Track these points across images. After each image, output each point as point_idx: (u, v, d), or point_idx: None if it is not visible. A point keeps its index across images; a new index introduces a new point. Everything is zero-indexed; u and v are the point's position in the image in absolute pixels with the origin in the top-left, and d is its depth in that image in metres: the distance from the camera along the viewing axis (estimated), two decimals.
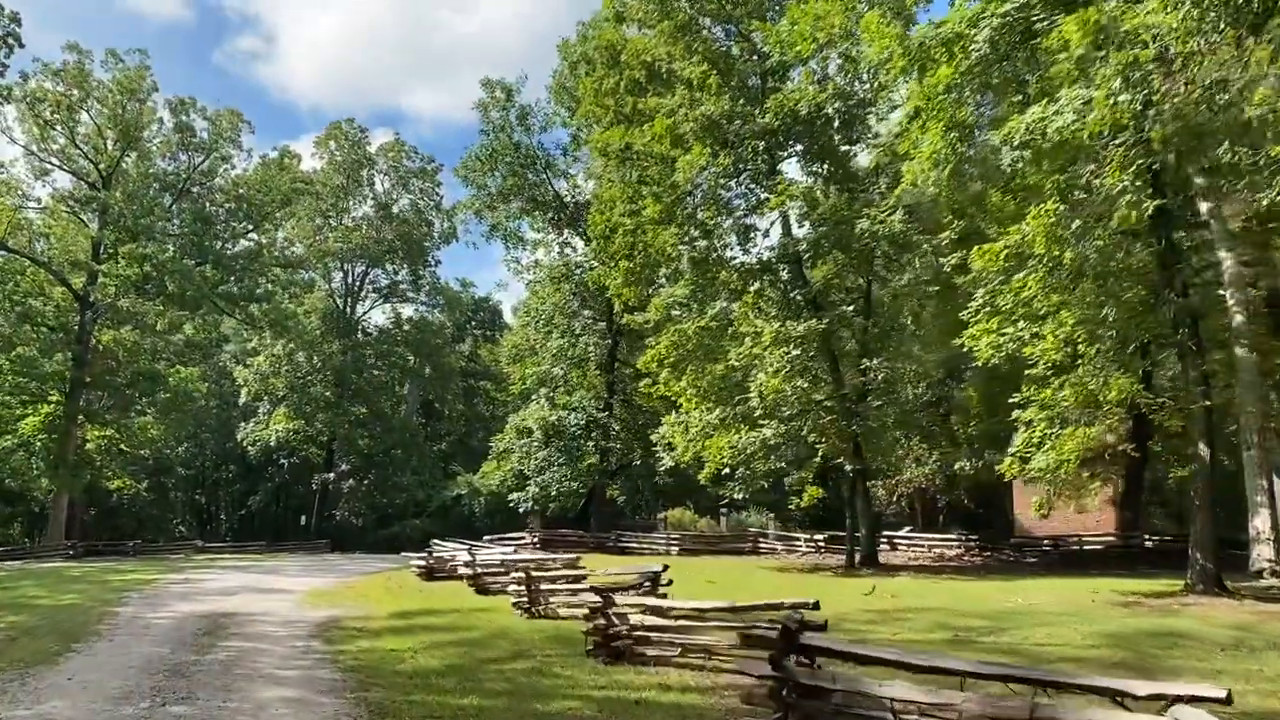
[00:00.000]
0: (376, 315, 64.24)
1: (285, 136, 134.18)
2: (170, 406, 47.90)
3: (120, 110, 43.95)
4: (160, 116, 46.72)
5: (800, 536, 33.12)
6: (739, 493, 27.50)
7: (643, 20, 29.18)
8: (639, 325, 35.67)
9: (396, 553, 39.53)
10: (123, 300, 44.22)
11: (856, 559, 26.02)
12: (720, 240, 27.13)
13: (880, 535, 29.14)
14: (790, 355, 23.46)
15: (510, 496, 43.30)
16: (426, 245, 60.59)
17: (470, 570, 19.57)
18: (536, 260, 45.86)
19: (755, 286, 26.44)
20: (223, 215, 49.23)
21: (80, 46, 43.36)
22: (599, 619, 11.06)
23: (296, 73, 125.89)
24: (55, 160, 44.96)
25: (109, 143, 44.74)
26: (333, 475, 57.20)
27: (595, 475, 41.37)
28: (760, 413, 24.13)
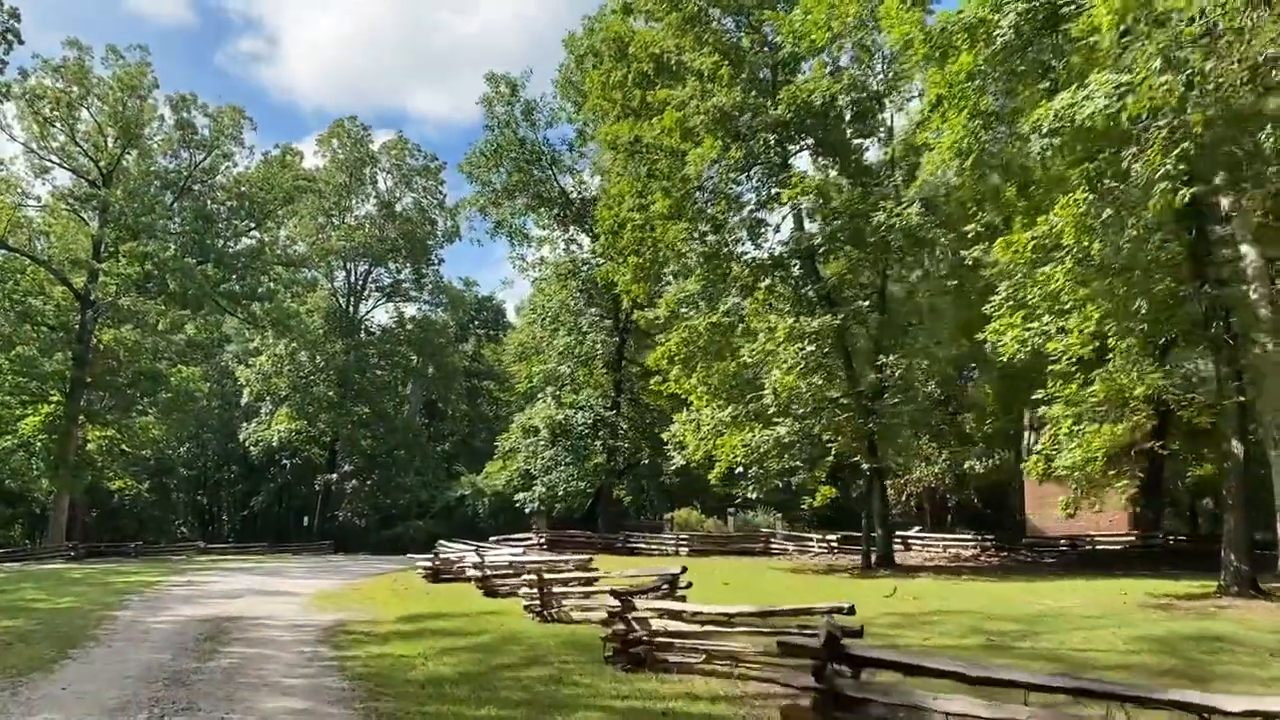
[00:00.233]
0: (379, 314, 63.88)
1: (287, 138, 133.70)
2: (172, 406, 47.45)
3: (121, 107, 43.47)
4: (161, 114, 46.30)
5: (812, 537, 32.59)
6: (753, 492, 26.95)
7: (650, 12, 28.72)
8: (648, 322, 35.18)
9: (400, 554, 39.18)
10: (124, 299, 43.71)
11: (873, 559, 25.51)
12: (731, 235, 26.64)
13: (893, 535, 28.58)
14: (805, 351, 22.96)
15: (516, 497, 42.82)
16: (430, 244, 60.12)
17: (478, 572, 19.10)
18: (542, 257, 45.43)
19: (766, 282, 25.97)
20: (224, 213, 48.71)
21: (80, 42, 42.97)
22: (618, 624, 10.58)
23: (298, 74, 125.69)
24: (55, 158, 44.50)
25: (109, 140, 44.26)
26: (335, 476, 56.79)
27: (602, 475, 40.87)
28: (774, 410, 23.64)
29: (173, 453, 57.65)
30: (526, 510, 42.93)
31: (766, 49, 26.66)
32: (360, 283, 61.11)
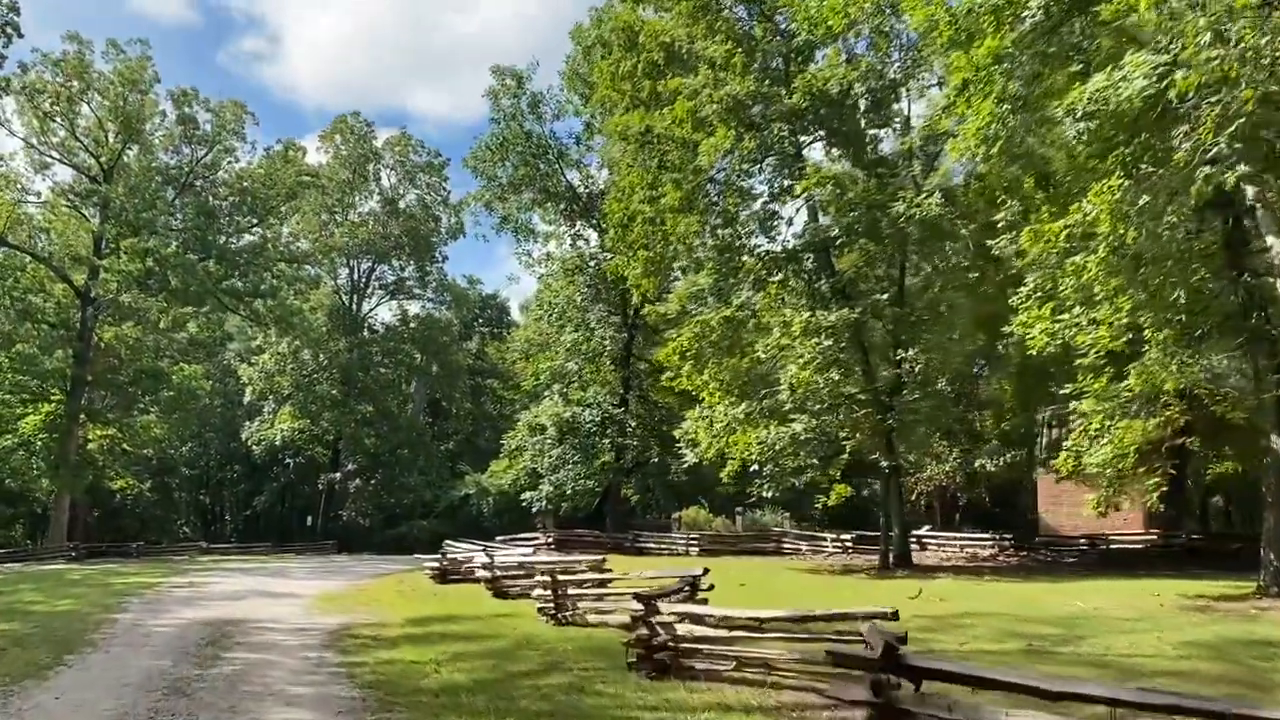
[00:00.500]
0: (383, 312, 63.47)
1: (289, 137, 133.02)
2: (174, 405, 46.94)
3: (121, 102, 42.93)
4: (163, 109, 45.76)
5: (826, 536, 31.97)
6: (768, 490, 26.35)
7: (660, 2, 28.19)
8: (657, 317, 34.56)
9: (404, 554, 38.69)
10: (125, 296, 43.12)
11: (890, 559, 24.92)
12: (744, 228, 26.07)
13: (909, 535, 27.99)
14: (821, 346, 22.37)
15: (523, 496, 42.26)
16: (433, 241, 59.65)
17: (488, 573, 18.57)
18: (548, 253, 44.81)
19: (779, 276, 25.40)
20: (226, 209, 48.17)
21: (80, 37, 42.38)
22: (641, 628, 10.02)
23: (300, 73, 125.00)
24: (55, 153, 44.01)
25: (110, 135, 43.75)
26: (339, 475, 56.31)
27: (610, 473, 40.29)
28: (790, 406, 23.06)
29: (175, 452, 57.17)
30: (533, 509, 42.37)
31: (780, 37, 26.08)
32: (364, 280, 60.65)
